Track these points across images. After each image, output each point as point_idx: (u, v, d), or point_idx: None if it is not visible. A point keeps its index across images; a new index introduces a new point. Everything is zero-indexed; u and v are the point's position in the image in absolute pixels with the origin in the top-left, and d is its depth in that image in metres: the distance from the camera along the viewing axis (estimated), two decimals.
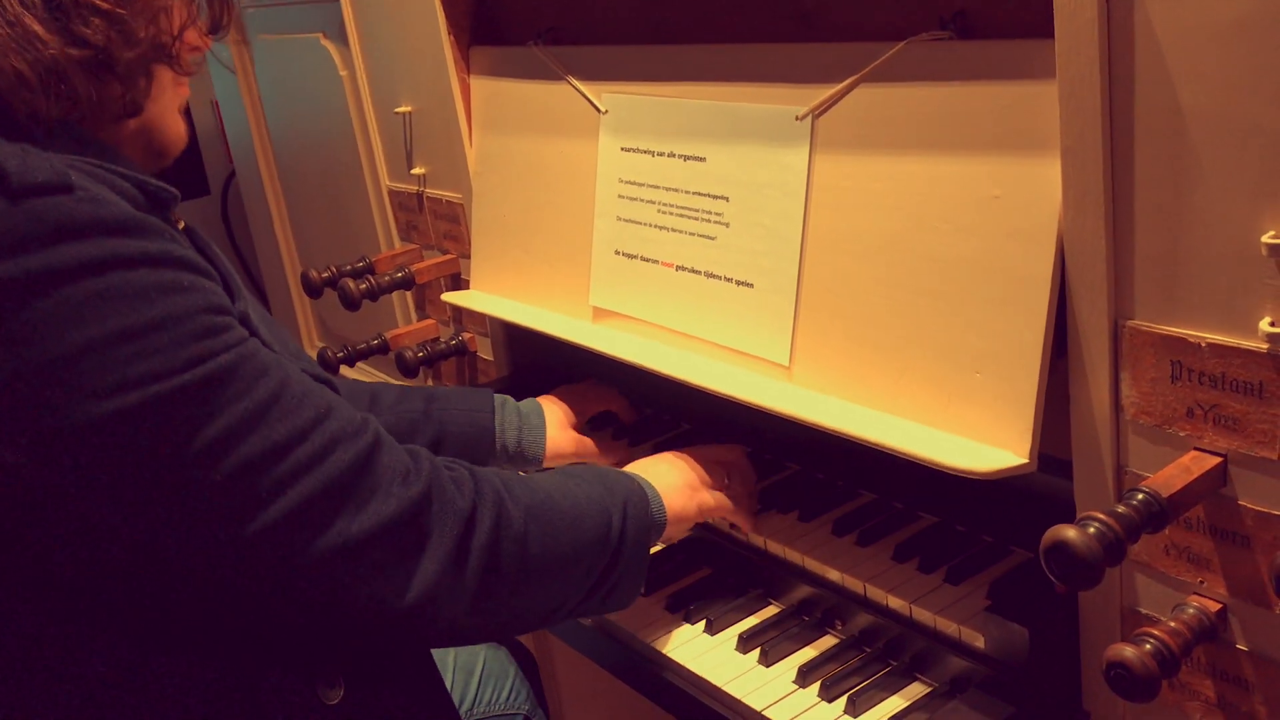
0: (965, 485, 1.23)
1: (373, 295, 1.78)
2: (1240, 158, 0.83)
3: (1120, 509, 0.86)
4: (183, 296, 0.86)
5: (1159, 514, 0.87)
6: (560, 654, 1.82)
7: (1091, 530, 0.84)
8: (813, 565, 1.24)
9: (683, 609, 1.30)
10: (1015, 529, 1.19)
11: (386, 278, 1.80)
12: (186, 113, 1.08)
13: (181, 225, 1.00)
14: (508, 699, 1.51)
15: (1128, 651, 0.89)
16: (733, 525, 1.33)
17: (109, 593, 0.90)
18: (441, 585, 0.98)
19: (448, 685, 1.48)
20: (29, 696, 0.90)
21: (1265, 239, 0.82)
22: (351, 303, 1.76)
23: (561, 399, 1.54)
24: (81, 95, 0.90)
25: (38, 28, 0.87)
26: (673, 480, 1.26)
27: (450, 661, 1.48)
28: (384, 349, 1.89)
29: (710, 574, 1.36)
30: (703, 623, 1.27)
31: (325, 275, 1.83)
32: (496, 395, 1.47)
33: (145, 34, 0.94)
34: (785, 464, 1.44)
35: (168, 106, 1.03)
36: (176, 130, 1.05)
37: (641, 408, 1.64)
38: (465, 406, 1.44)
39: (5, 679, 0.90)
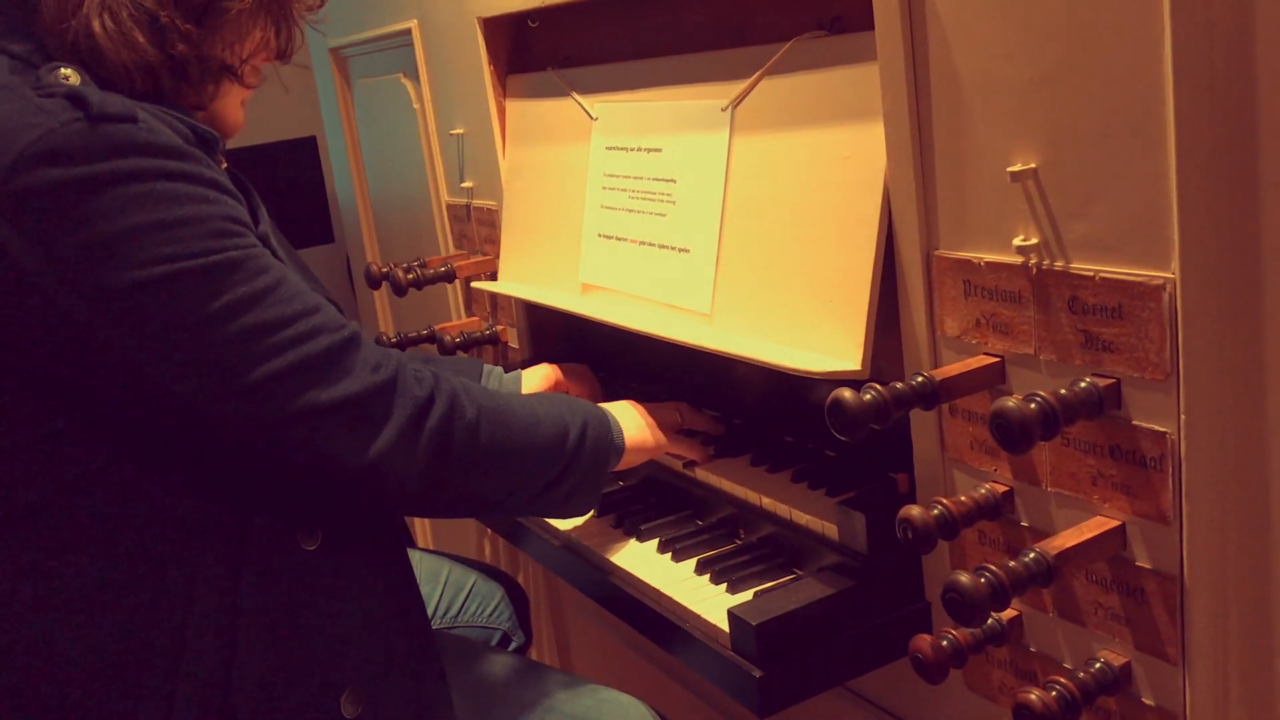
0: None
1: (418, 285, 2.08)
2: (993, 106, 1.05)
3: (899, 385, 1.08)
4: (207, 205, 1.13)
5: (930, 394, 1.08)
6: (567, 598, 2.05)
7: (867, 397, 1.06)
8: (726, 486, 1.47)
9: (622, 525, 1.53)
10: (898, 459, 1.39)
11: (431, 271, 2.10)
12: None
13: (224, 165, 1.29)
14: (490, 615, 1.75)
15: (914, 510, 1.09)
16: (686, 464, 1.55)
17: (130, 429, 1.15)
18: (393, 455, 1.20)
19: (437, 596, 1.73)
20: (55, 510, 1.14)
21: (1010, 169, 1.04)
22: (399, 289, 2.06)
23: (549, 367, 1.76)
24: (165, 88, 1.22)
25: (141, 38, 1.17)
26: (634, 417, 1.50)
27: (444, 575, 1.73)
28: (432, 338, 2.18)
29: (654, 501, 1.59)
30: (635, 534, 1.50)
31: (384, 270, 2.14)
32: (486, 365, 1.73)
33: (218, 56, 1.25)
34: (732, 420, 1.66)
35: (230, 103, 1.33)
36: (234, 120, 1.35)
37: (635, 390, 1.88)
38: (455, 370, 1.70)
39: (41, 494, 1.13)
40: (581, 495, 1.39)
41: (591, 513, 1.57)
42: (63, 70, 1.14)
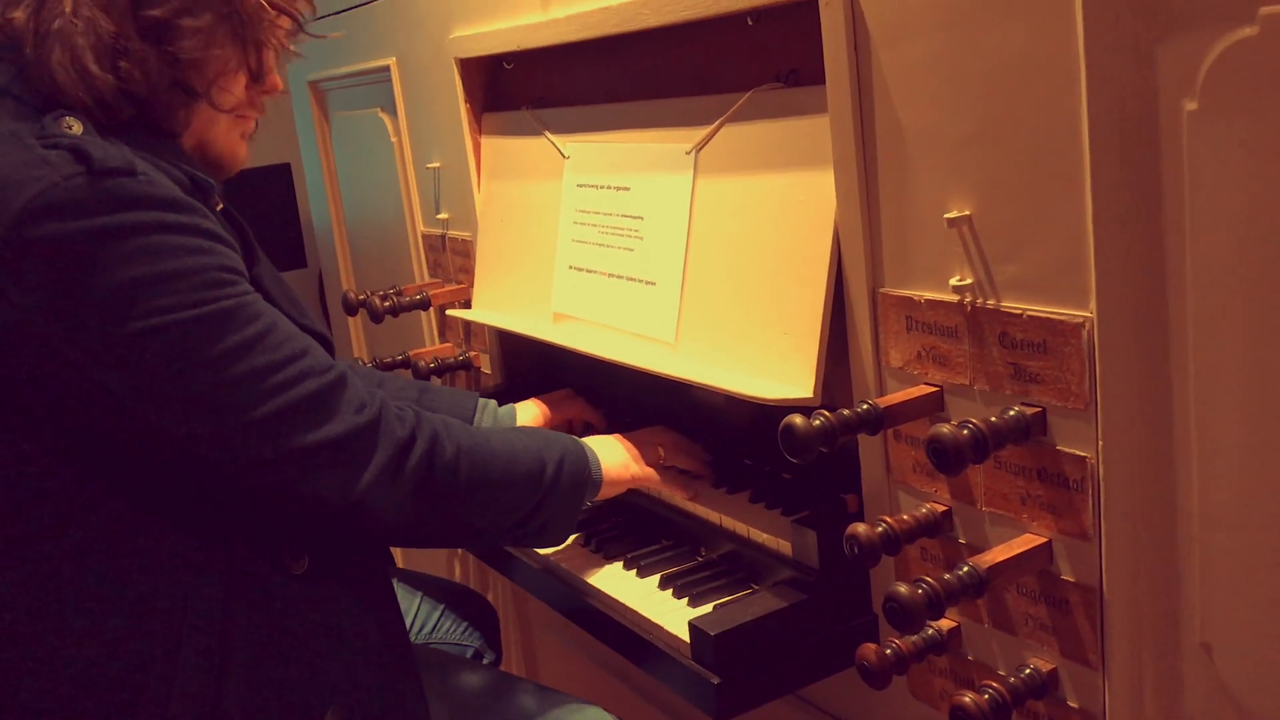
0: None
1: (394, 312, 2.16)
2: (932, 158, 1.15)
3: (845, 412, 1.17)
4: (202, 257, 1.19)
5: (875, 420, 1.17)
6: (535, 616, 2.12)
7: (816, 423, 1.15)
8: (688, 506, 1.56)
9: (590, 543, 1.61)
10: (848, 481, 1.48)
11: (407, 299, 2.18)
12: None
13: (220, 207, 1.35)
14: (463, 633, 1.82)
15: (860, 528, 1.18)
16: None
17: (126, 465, 1.21)
18: (376, 492, 1.27)
19: (414, 612, 1.80)
20: (47, 540, 1.19)
21: (947, 216, 1.14)
22: (376, 316, 2.14)
23: (538, 404, 1.86)
24: (125, 117, 1.24)
25: (94, 68, 1.20)
26: (613, 451, 1.57)
27: (418, 597, 1.81)
28: (407, 364, 2.26)
29: (620, 520, 1.68)
30: (602, 552, 1.58)
31: (361, 297, 2.22)
32: (482, 398, 1.80)
33: (182, 79, 1.26)
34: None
35: (220, 133, 1.35)
36: (229, 151, 1.38)
37: (605, 415, 1.97)
38: (451, 403, 1.77)
39: (33, 524, 1.18)
40: (556, 527, 1.45)
41: None
42: (67, 119, 1.17)
